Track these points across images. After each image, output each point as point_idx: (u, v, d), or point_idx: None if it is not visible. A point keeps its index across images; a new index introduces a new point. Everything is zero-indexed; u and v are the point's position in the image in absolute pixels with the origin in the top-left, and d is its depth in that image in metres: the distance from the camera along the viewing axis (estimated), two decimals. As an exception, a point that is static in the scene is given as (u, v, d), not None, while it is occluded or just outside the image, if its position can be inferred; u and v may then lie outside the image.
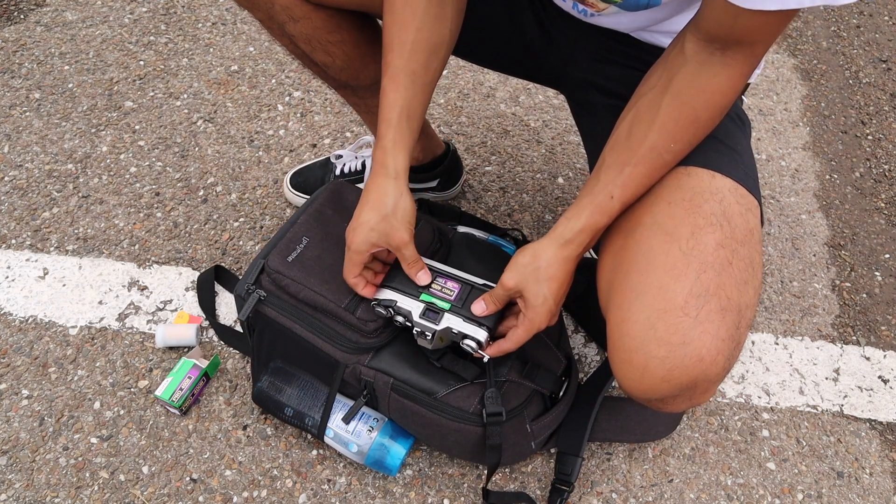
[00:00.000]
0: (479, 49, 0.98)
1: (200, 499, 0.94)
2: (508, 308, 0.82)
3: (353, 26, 0.92)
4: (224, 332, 1.08)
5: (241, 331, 1.08)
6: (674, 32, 0.84)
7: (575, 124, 1.03)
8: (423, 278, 0.81)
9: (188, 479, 0.96)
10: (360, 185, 1.22)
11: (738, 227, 0.71)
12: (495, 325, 0.80)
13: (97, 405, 1.02)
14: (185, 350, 1.07)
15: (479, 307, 0.80)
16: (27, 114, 1.42)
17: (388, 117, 0.78)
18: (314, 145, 1.40)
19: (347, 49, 0.94)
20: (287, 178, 1.27)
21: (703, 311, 0.66)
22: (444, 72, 1.58)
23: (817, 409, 1.09)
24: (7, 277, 1.16)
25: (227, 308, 1.13)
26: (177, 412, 1.00)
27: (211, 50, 1.59)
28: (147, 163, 1.34)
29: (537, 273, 0.74)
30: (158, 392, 0.98)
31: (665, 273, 0.68)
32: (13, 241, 1.21)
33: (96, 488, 0.94)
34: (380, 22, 0.96)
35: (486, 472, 0.98)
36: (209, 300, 1.12)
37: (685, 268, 0.68)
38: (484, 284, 0.83)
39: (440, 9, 0.78)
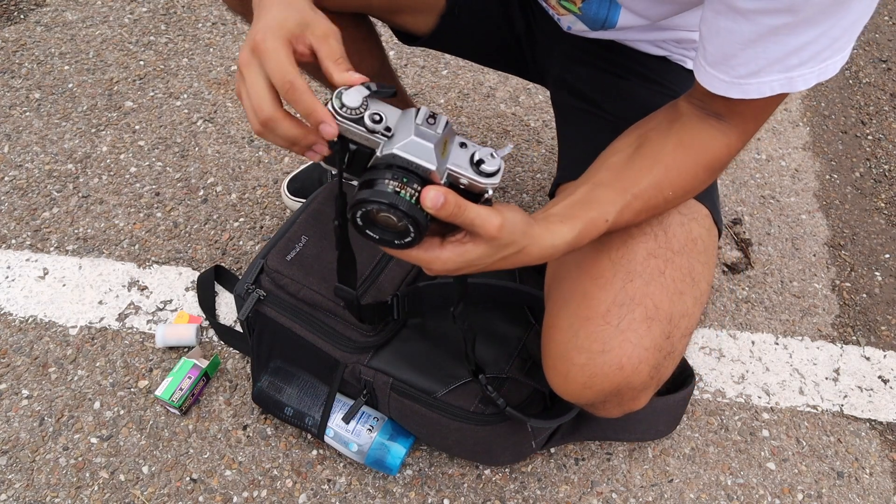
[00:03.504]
0: (475, 44, 0.99)
1: (200, 499, 0.94)
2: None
3: (350, 24, 0.93)
4: (224, 332, 1.08)
5: (241, 331, 1.08)
6: (645, 41, 0.85)
7: None
8: (353, 78, 0.58)
9: (188, 479, 0.96)
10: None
11: (675, 237, 0.71)
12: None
13: (97, 405, 1.02)
14: (185, 350, 1.07)
15: (437, 195, 0.50)
16: (27, 114, 1.42)
17: None
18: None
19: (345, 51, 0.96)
20: (284, 186, 1.26)
21: (626, 320, 0.66)
22: (444, 72, 1.58)
23: (817, 409, 1.09)
24: (7, 277, 1.16)
25: (227, 308, 1.13)
26: (177, 412, 1.00)
27: (211, 50, 1.59)
28: (147, 163, 1.34)
29: (524, 236, 0.55)
30: (158, 392, 0.98)
31: (591, 282, 0.69)
32: (13, 241, 1.21)
33: (96, 488, 0.94)
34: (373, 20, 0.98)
35: (485, 469, 0.98)
36: (209, 300, 1.12)
37: (612, 276, 0.68)
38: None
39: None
